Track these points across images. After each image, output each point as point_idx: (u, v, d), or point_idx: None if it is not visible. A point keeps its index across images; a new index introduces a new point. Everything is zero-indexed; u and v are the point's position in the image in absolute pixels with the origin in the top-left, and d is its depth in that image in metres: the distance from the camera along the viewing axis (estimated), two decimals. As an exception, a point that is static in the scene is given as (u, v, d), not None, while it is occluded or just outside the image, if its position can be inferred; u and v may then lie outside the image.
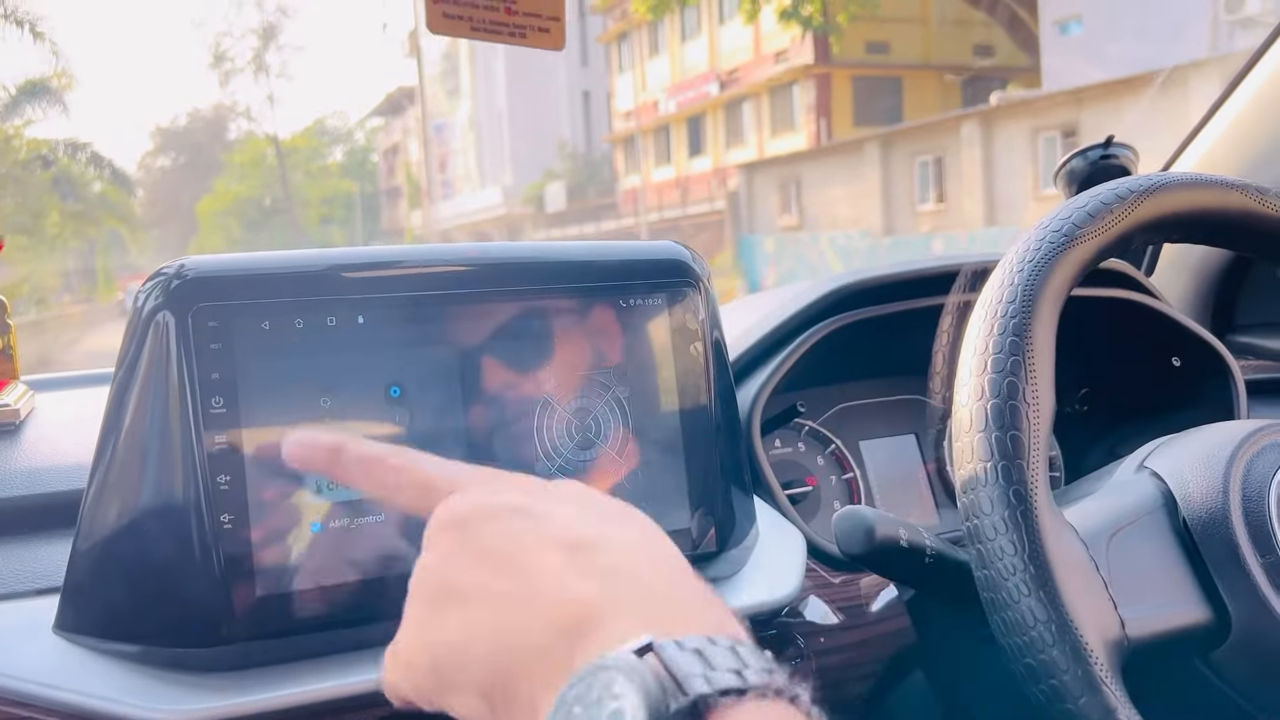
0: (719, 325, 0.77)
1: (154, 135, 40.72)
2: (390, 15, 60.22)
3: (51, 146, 19.28)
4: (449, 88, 35.25)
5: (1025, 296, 0.64)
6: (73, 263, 22.34)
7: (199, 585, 0.61)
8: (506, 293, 0.70)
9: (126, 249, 25.45)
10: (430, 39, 34.24)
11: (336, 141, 39.64)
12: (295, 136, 37.44)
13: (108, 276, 24.62)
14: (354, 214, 36.65)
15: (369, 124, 41.31)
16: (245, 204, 34.57)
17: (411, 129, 38.37)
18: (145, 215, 33.34)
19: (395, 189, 40.87)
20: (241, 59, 35.94)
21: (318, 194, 35.83)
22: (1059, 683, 0.57)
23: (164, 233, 36.57)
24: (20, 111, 18.42)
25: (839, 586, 0.85)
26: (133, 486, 0.62)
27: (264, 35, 35.14)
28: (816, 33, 17.12)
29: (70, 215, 20.09)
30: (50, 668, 0.62)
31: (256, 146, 36.12)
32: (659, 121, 26.05)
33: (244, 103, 42.81)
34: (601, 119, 31.40)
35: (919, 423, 1.07)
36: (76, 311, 20.58)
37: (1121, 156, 1.19)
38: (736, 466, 0.77)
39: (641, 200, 24.99)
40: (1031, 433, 0.61)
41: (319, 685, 0.63)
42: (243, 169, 35.41)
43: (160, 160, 40.49)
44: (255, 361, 0.63)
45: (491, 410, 0.69)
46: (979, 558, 0.61)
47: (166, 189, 39.12)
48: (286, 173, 35.09)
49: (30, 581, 0.68)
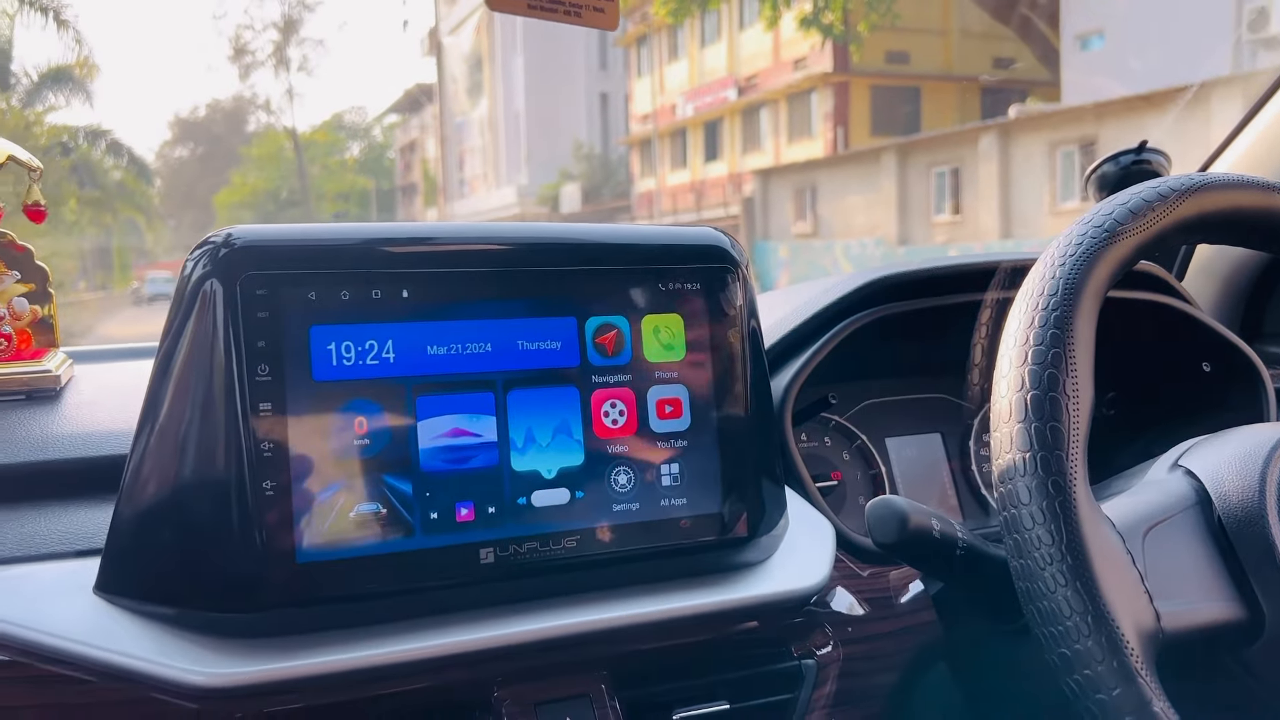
0: (756, 313, 0.78)
1: (173, 126, 41.01)
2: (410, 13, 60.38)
3: (72, 133, 19.39)
4: (468, 87, 35.32)
5: (1067, 289, 0.64)
6: (89, 250, 22.43)
7: (238, 551, 0.61)
8: (547, 271, 0.71)
9: (143, 238, 25.57)
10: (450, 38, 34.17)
11: (354, 137, 39.80)
12: (313, 131, 37.62)
13: (123, 265, 24.75)
14: (369, 210, 36.73)
15: (386, 120, 41.48)
16: (262, 196, 34.69)
17: (429, 126, 38.47)
18: (162, 205, 33.46)
19: (411, 186, 40.97)
20: (262, 52, 36.14)
21: (334, 189, 35.95)
22: (1093, 673, 0.57)
23: (180, 223, 36.73)
24: (42, 98, 18.54)
25: (866, 579, 0.86)
26: (176, 452, 0.63)
27: (285, 29, 35.30)
28: (836, 41, 17.11)
29: (88, 202, 20.18)
30: (90, 627, 0.63)
31: (275, 140, 36.27)
32: (676, 125, 26.05)
33: (263, 96, 42.96)
34: (618, 121, 31.43)
35: (946, 422, 1.08)
36: (92, 299, 20.66)
37: (1154, 162, 1.18)
38: (769, 455, 0.77)
39: (656, 203, 24.99)
40: (1071, 424, 0.61)
41: (352, 654, 0.64)
42: (260, 162, 35.56)
43: (179, 151, 40.75)
44: (301, 331, 0.63)
45: (531, 385, 0.70)
46: (1015, 547, 0.61)
47: (184, 179, 39.33)
48: (304, 166, 35.21)
49: (71, 543, 0.69)
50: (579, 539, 0.69)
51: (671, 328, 0.74)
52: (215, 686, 0.61)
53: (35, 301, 0.89)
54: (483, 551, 0.67)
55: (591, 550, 0.70)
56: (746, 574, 0.76)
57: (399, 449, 0.66)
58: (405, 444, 0.66)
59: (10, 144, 0.87)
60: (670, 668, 0.75)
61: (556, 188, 29.21)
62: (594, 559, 0.70)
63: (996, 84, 20.11)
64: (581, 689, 0.71)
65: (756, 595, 0.75)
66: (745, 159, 23.49)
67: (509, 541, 0.67)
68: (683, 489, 0.73)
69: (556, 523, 0.69)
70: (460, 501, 0.67)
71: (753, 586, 0.75)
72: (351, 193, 36.43)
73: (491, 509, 0.68)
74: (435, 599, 0.67)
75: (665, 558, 0.73)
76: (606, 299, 0.72)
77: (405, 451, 0.66)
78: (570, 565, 0.69)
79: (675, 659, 0.76)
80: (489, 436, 0.68)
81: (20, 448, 0.76)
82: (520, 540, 0.68)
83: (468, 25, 33.96)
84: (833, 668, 0.80)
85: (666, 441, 0.73)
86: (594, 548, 0.70)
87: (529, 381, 0.70)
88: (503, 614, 0.68)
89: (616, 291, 0.72)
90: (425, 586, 0.66)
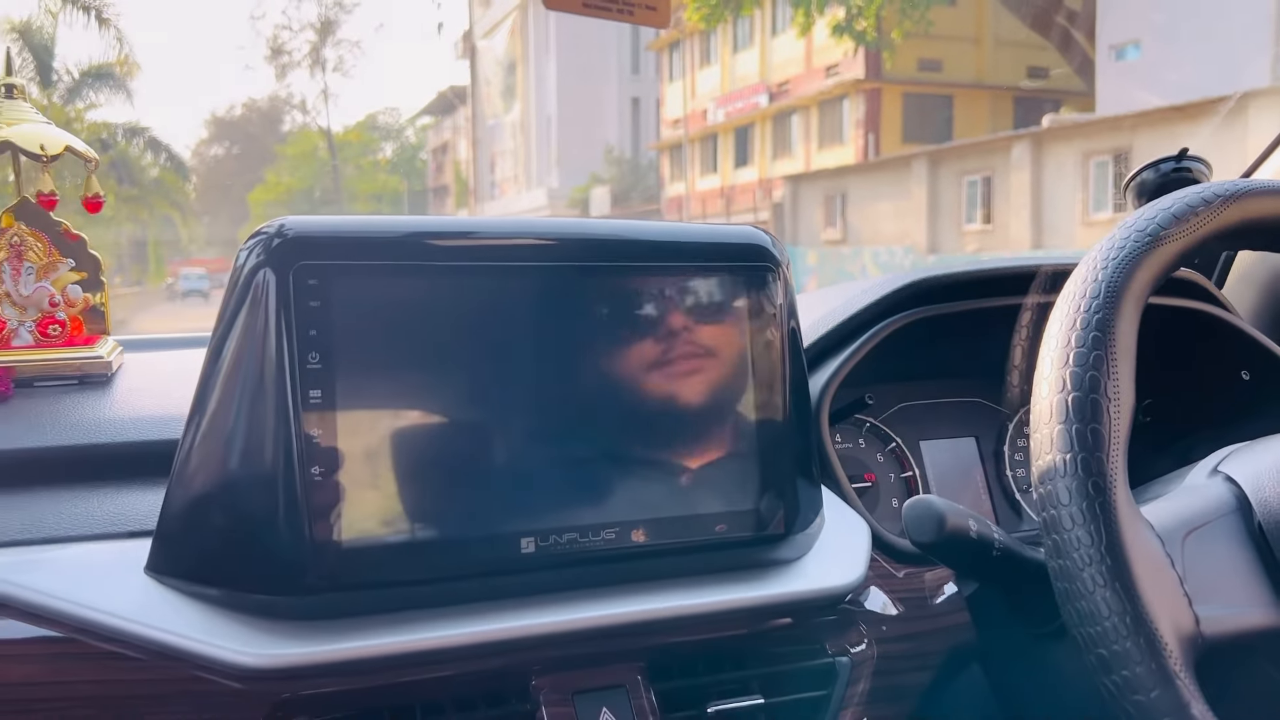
0: (795, 313, 0.78)
1: (209, 124, 41.33)
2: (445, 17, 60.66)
3: (111, 130, 19.65)
4: (501, 89, 35.48)
5: (1109, 292, 0.64)
6: (125, 244, 22.69)
7: (287, 534, 0.62)
8: (592, 267, 0.72)
9: (178, 234, 25.84)
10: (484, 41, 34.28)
11: (387, 138, 40.04)
12: (347, 131, 37.91)
13: (159, 261, 25.01)
14: (401, 210, 36.95)
15: (419, 122, 41.71)
16: (296, 195, 34.97)
17: (461, 128, 38.66)
18: (197, 202, 33.78)
19: (442, 187, 41.18)
20: (299, 53, 36.42)
21: (367, 188, 36.20)
22: (1131, 674, 0.58)
23: (215, 220, 37.09)
24: (83, 95, 18.80)
25: (901, 579, 0.86)
26: (228, 437, 0.64)
27: (321, 30, 35.58)
28: (869, 48, 17.07)
29: (125, 199, 20.42)
30: (141, 607, 0.64)
31: (309, 139, 36.56)
32: (706, 130, 26.04)
33: (299, 96, 43.42)
34: (649, 126, 31.45)
35: (981, 425, 1.08)
36: (127, 294, 20.87)
37: (1194, 170, 1.18)
38: (806, 453, 0.78)
39: (686, 208, 24.99)
40: (1112, 427, 0.61)
41: (395, 639, 0.65)
42: (295, 161, 35.85)
43: (214, 149, 41.12)
44: (352, 320, 0.65)
45: (571, 380, 0.70)
46: (1054, 548, 0.61)
47: (219, 177, 39.70)
48: (338, 166, 35.48)
49: (122, 524, 0.71)
50: (617, 531, 0.70)
51: (712, 325, 0.75)
52: (261, 667, 0.63)
53: (88, 289, 0.92)
54: (524, 541, 0.68)
55: (630, 543, 0.71)
56: (782, 570, 0.77)
57: (446, 438, 0.67)
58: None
59: (68, 135, 0.90)
60: (706, 661, 0.76)
61: (586, 190, 29.27)
62: (632, 551, 0.71)
63: (1030, 93, 19.99)
64: (618, 680, 0.72)
65: (792, 592, 0.75)
66: (775, 165, 23.45)
67: (549, 531, 0.68)
68: (720, 484, 0.74)
69: (596, 515, 0.70)
70: (503, 491, 0.68)
71: (788, 583, 0.76)
72: (384, 193, 36.67)
73: (533, 500, 0.69)
74: (476, 587, 0.68)
75: (702, 552, 0.73)
76: (648, 293, 0.73)
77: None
78: (609, 557, 0.70)
79: (711, 653, 0.76)
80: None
81: (74, 431, 0.77)
82: (560, 531, 0.69)
83: (502, 29, 34.13)
84: (866, 666, 0.80)
85: (704, 436, 0.74)
86: (632, 540, 0.71)
87: (572, 371, 0.71)
88: (542, 603, 0.69)
89: (659, 287, 0.73)
90: (467, 574, 0.67)
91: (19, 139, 0.87)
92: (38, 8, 17.16)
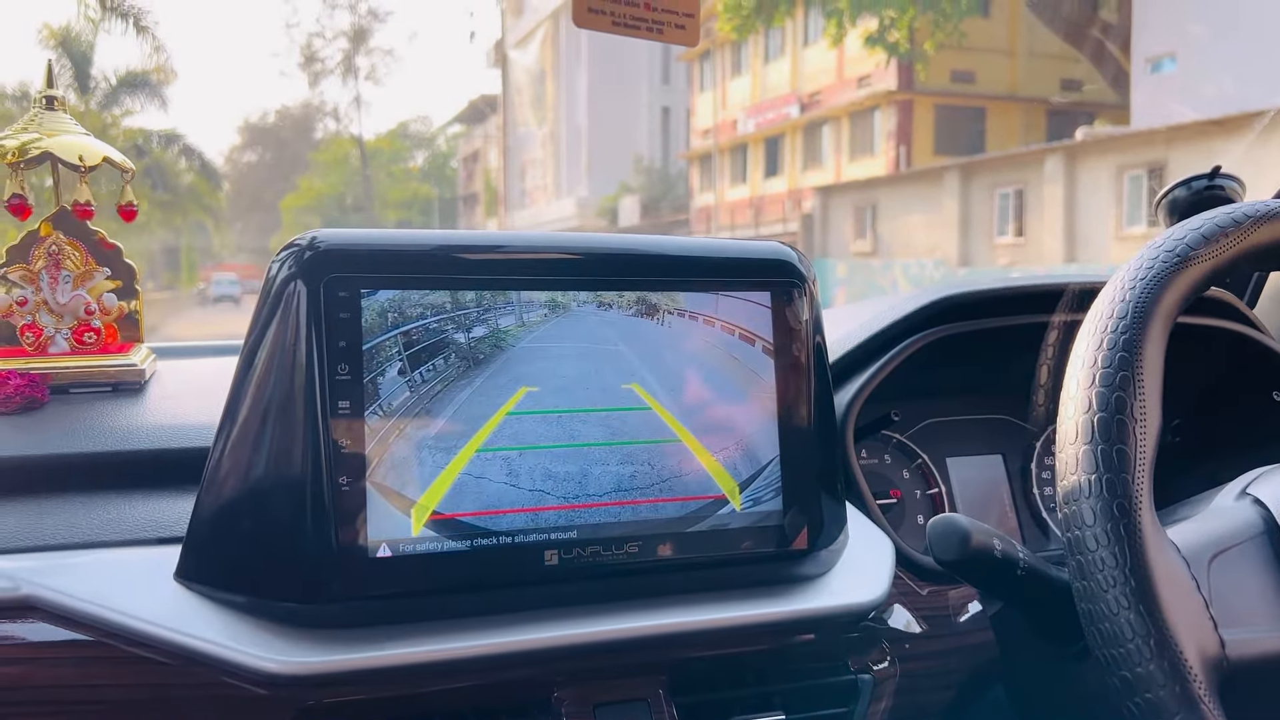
0: (821, 329, 0.78)
1: (242, 131, 41.90)
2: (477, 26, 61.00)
3: (146, 137, 19.90)
4: (531, 99, 35.65)
5: (1136, 313, 0.64)
6: (157, 250, 22.97)
7: (313, 544, 0.63)
8: (619, 281, 0.72)
9: (210, 240, 26.13)
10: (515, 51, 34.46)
11: (418, 146, 40.36)
12: (379, 138, 38.23)
13: (190, 265, 25.31)
14: (432, 218, 37.19)
15: (450, 130, 42.00)
16: (327, 201, 35.29)
17: (492, 137, 38.87)
18: (229, 208, 34.16)
19: (473, 195, 41.41)
20: (332, 61, 36.79)
21: (397, 196, 36.48)
22: (1155, 697, 0.57)
23: (247, 225, 37.48)
24: (120, 102, 19.08)
25: (925, 597, 0.86)
26: (257, 446, 0.65)
27: (355, 38, 35.93)
28: (901, 59, 17.01)
29: (159, 204, 20.67)
30: (170, 612, 0.65)
31: (341, 146, 36.92)
32: (737, 141, 26.03)
33: (331, 103, 43.79)
34: (679, 136, 31.49)
35: (1007, 443, 1.07)
36: (159, 299, 21.13)
37: (1227, 188, 1.17)
38: (830, 469, 0.78)
39: (715, 218, 24.99)
40: (1138, 448, 0.61)
41: (418, 648, 0.65)
42: (326, 167, 36.20)
43: (247, 155, 41.61)
44: (381, 332, 0.65)
45: (597, 393, 0.71)
46: (1079, 569, 0.61)
47: (251, 183, 40.16)
48: (369, 173, 35.77)
49: (153, 530, 0.72)
50: (641, 545, 0.71)
51: (737, 341, 0.75)
52: (286, 673, 0.63)
53: (122, 297, 0.93)
54: (547, 554, 0.68)
55: (653, 556, 0.71)
56: (805, 586, 0.77)
57: (470, 451, 0.67)
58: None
59: (106, 146, 0.91)
60: (728, 676, 0.76)
61: (615, 200, 29.34)
62: (655, 565, 0.71)
63: (1063, 106, 19.85)
64: (640, 693, 0.72)
65: (815, 608, 0.75)
66: (806, 176, 23.40)
67: (573, 544, 0.69)
68: (744, 499, 0.74)
69: (620, 528, 0.70)
70: (527, 504, 0.68)
71: (811, 599, 0.76)
72: (415, 200, 36.93)
73: (557, 513, 0.69)
74: (500, 598, 0.68)
75: (725, 567, 0.73)
76: (676, 309, 0.73)
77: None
78: (632, 570, 0.71)
79: (733, 667, 0.76)
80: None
81: (107, 437, 0.79)
82: (584, 544, 0.69)
83: (533, 39, 34.31)
84: (889, 683, 0.80)
85: (729, 451, 0.74)
86: (656, 554, 0.71)
87: (598, 385, 0.71)
88: (565, 615, 0.70)
89: (686, 302, 0.74)
90: (491, 585, 0.68)
91: (59, 149, 0.88)
92: (78, 15, 17.44)
